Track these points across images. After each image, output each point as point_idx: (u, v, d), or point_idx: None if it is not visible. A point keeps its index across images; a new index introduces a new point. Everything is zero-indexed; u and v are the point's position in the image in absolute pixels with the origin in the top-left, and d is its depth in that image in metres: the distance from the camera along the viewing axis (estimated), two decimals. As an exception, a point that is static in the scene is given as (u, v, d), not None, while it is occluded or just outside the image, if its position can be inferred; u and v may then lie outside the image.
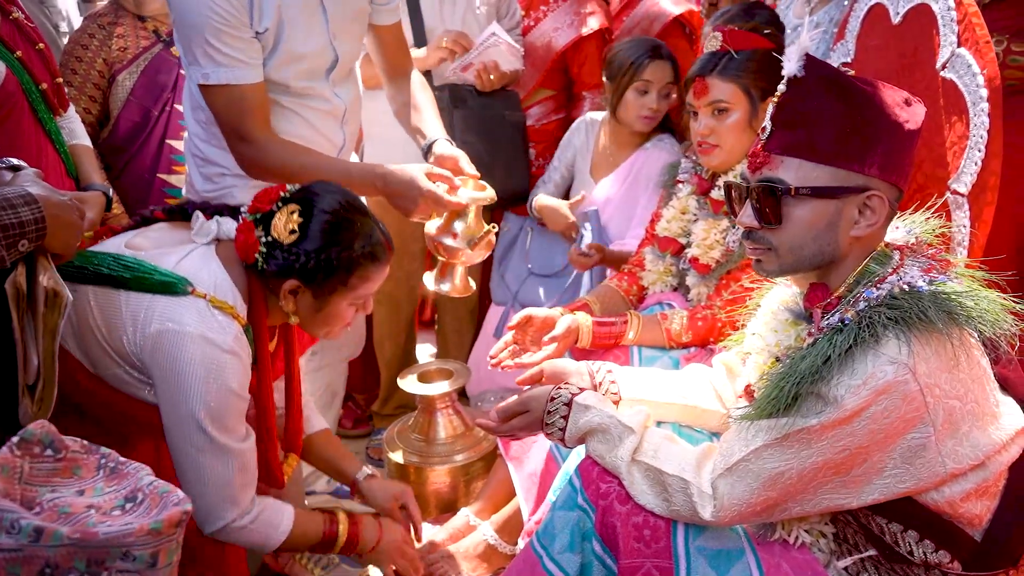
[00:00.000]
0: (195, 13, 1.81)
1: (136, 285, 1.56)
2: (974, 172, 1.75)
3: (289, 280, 1.62)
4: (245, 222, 1.64)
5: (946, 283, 1.31)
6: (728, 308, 1.94)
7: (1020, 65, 2.05)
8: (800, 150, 1.34)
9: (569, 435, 1.54)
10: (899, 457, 1.27)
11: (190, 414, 1.55)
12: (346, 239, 1.63)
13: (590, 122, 2.85)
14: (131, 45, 2.53)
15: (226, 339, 1.57)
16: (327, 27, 1.99)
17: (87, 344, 1.59)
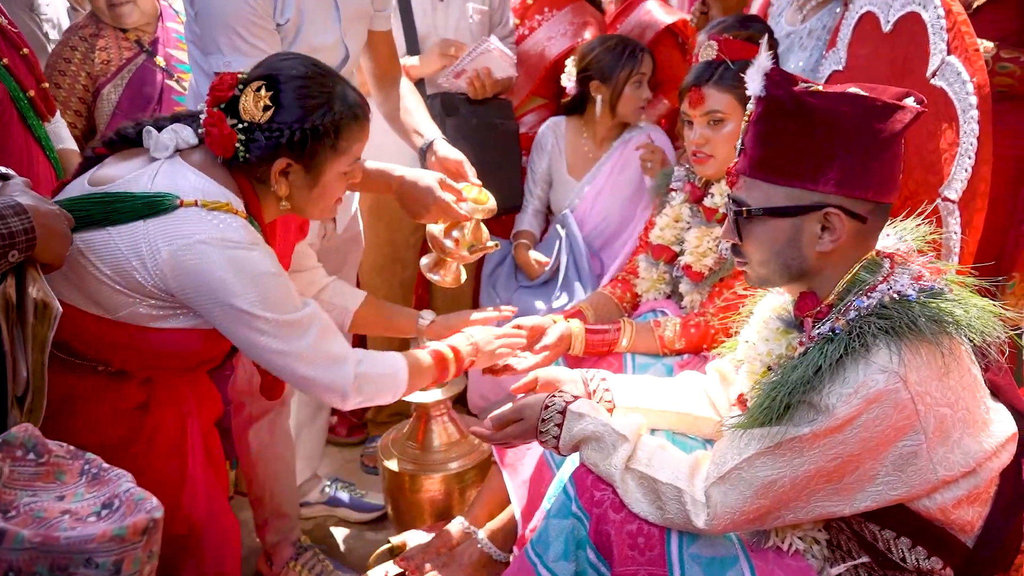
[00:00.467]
0: (225, 2, 1.82)
1: (119, 217, 1.46)
2: (964, 179, 1.77)
3: (278, 160, 1.53)
4: (212, 114, 1.52)
5: (936, 291, 1.32)
6: (721, 315, 1.95)
7: (1009, 72, 2.07)
8: (756, 170, 1.37)
9: (563, 443, 1.54)
10: (891, 465, 1.27)
11: (245, 316, 1.49)
12: (324, 101, 1.53)
13: (554, 125, 2.92)
14: (114, 57, 2.51)
15: (236, 233, 1.49)
16: (339, 24, 2.03)
17: (94, 292, 1.49)
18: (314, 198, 1.62)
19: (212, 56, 1.90)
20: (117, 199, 1.48)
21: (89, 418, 1.57)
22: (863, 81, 2.06)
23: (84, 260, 1.48)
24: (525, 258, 2.80)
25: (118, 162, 1.59)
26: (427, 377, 1.81)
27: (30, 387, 1.32)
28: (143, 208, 1.46)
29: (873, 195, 1.33)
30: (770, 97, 1.34)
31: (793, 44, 2.52)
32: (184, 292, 1.48)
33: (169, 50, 2.56)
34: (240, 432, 2.29)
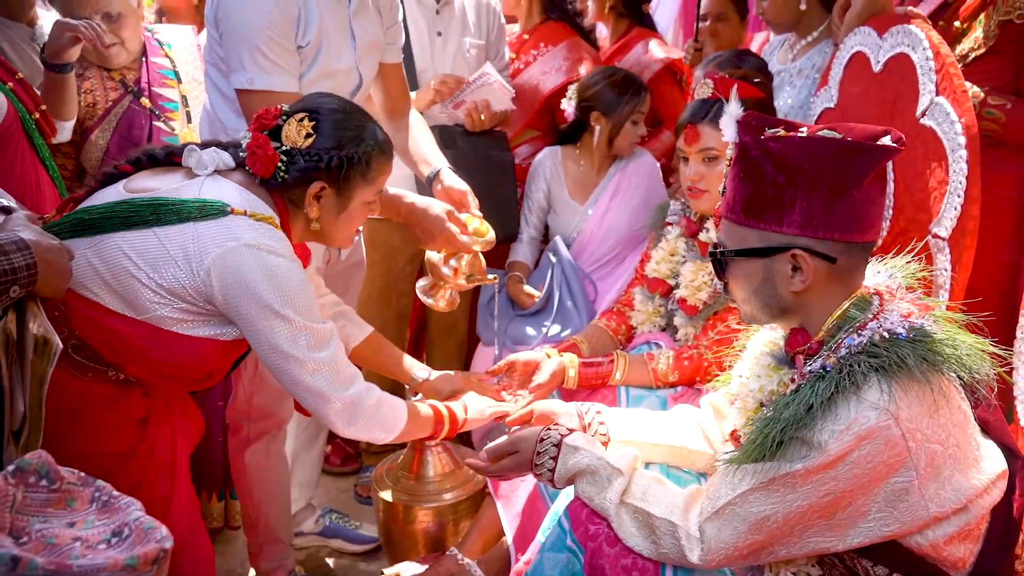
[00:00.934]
0: (251, 22, 1.92)
1: (168, 219, 1.55)
2: (954, 216, 1.80)
3: (314, 183, 1.66)
4: (257, 137, 1.66)
5: (925, 329, 1.34)
6: (715, 349, 1.97)
7: (994, 118, 2.11)
8: (731, 213, 1.42)
9: (558, 476, 1.55)
10: (883, 501, 1.29)
11: (277, 319, 1.58)
12: (358, 134, 1.69)
13: (551, 154, 2.97)
14: (100, 100, 2.50)
15: (279, 244, 1.61)
16: (354, 51, 2.12)
17: (128, 290, 1.55)
18: (341, 223, 1.74)
19: (235, 73, 1.97)
20: (166, 203, 1.57)
21: (94, 427, 1.61)
22: (854, 118, 2.12)
23: (126, 259, 1.55)
24: (516, 291, 2.82)
25: (152, 177, 1.68)
26: (423, 429, 1.89)
27: (27, 422, 1.32)
28: (194, 212, 1.56)
29: (841, 235, 1.35)
30: (740, 143, 1.39)
31: (783, 82, 2.57)
32: (224, 291, 1.56)
33: (155, 89, 2.55)
34: (236, 454, 2.30)
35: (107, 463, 1.61)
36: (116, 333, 1.57)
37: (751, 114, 1.44)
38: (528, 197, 2.97)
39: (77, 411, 1.58)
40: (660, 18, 4.65)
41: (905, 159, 1.93)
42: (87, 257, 1.56)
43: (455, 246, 2.01)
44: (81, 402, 1.59)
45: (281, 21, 1.94)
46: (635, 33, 3.36)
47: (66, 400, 1.54)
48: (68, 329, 1.54)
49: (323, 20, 2.02)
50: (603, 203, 2.88)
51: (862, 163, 1.33)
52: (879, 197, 1.39)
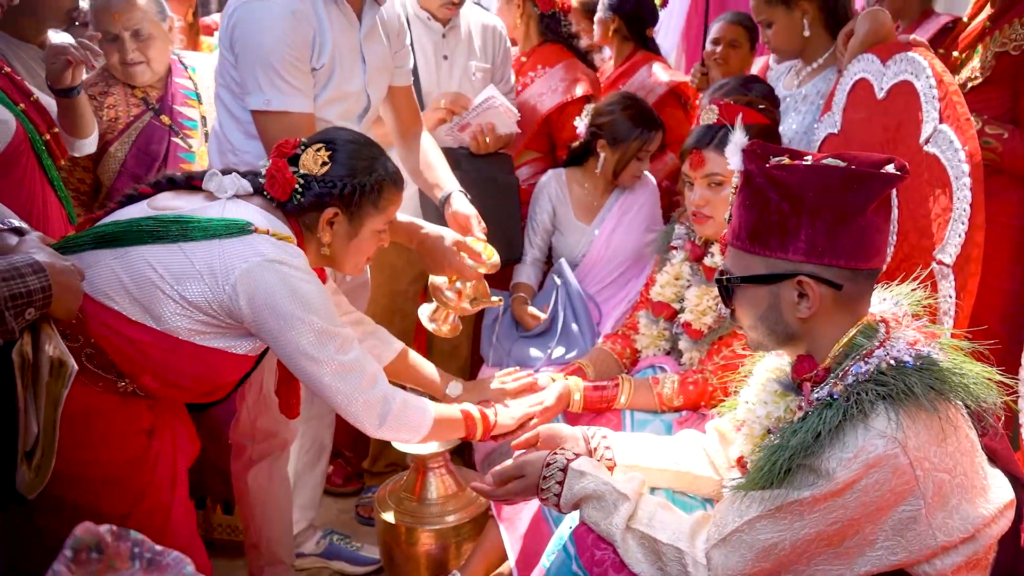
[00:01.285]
0: (268, 44, 1.96)
1: (195, 235, 1.61)
2: (958, 243, 1.80)
3: (328, 209, 1.73)
4: (277, 162, 1.73)
5: (932, 356, 1.34)
6: (720, 374, 1.97)
7: (991, 148, 2.13)
8: (737, 240, 1.44)
9: (564, 501, 1.55)
10: (890, 529, 1.28)
11: (305, 321, 1.64)
12: (371, 165, 1.77)
13: (556, 176, 2.99)
14: (122, 115, 2.55)
15: (300, 261, 1.68)
16: (364, 74, 2.17)
17: (151, 301, 1.61)
18: (351, 249, 1.82)
19: (251, 95, 2.01)
20: (192, 220, 1.63)
21: (103, 436, 1.65)
22: (857, 144, 2.13)
23: (151, 271, 1.60)
24: (521, 312, 2.83)
25: (174, 197, 1.74)
26: (453, 430, 1.93)
27: (39, 444, 1.32)
28: (221, 229, 1.62)
29: (846, 262, 1.36)
30: (745, 171, 1.41)
31: (789, 107, 2.59)
32: (252, 305, 1.62)
33: (176, 107, 2.60)
34: (239, 475, 2.30)
35: (115, 470, 1.66)
36: (133, 342, 1.61)
37: (756, 143, 1.45)
38: (532, 219, 2.99)
39: (85, 420, 1.61)
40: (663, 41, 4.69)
41: (909, 186, 1.94)
42: (112, 267, 1.61)
43: (464, 275, 2.06)
44: (89, 411, 1.61)
45: (297, 43, 1.98)
46: (639, 57, 3.40)
47: (75, 409, 1.55)
48: (84, 337, 1.58)
49: (336, 43, 2.06)
50: (609, 223, 2.89)
51: (866, 191, 1.34)
52: (884, 224, 1.40)
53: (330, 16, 2.05)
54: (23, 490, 1.32)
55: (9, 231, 1.48)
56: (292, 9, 1.97)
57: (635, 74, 3.30)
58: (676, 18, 5.11)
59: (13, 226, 1.50)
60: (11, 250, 1.39)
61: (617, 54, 3.50)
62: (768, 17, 2.57)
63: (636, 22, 3.42)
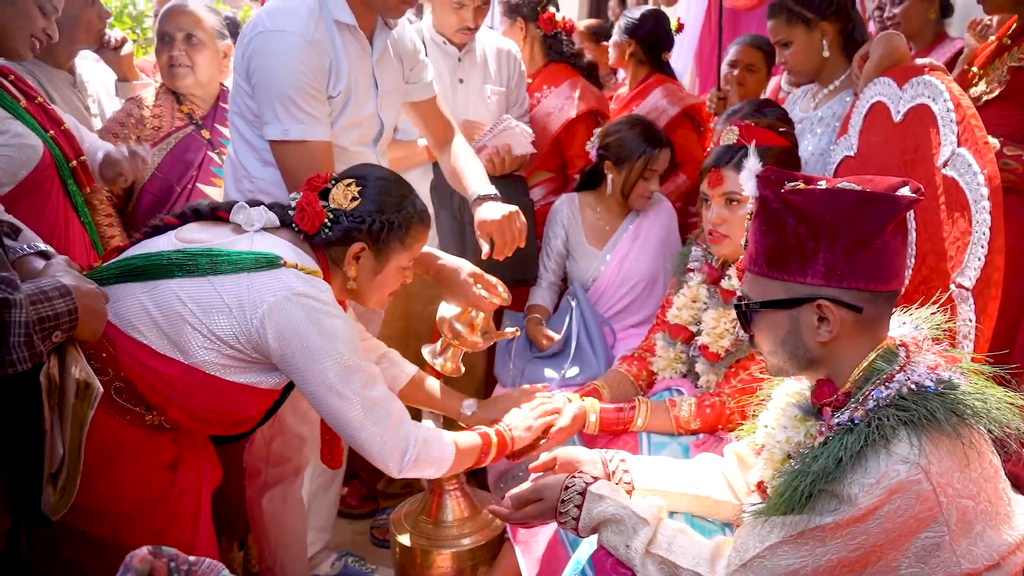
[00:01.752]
0: (285, 74, 1.97)
1: (224, 269, 1.62)
2: (978, 267, 1.79)
3: (355, 244, 1.75)
4: (308, 195, 1.76)
5: (953, 381, 1.34)
6: (737, 397, 1.96)
7: (1011, 169, 2.12)
8: (754, 266, 1.44)
9: (583, 524, 1.54)
10: (913, 556, 1.27)
11: (332, 355, 1.64)
12: (400, 202, 1.80)
13: (568, 200, 3.00)
14: (165, 125, 2.65)
15: (326, 295, 1.69)
16: (376, 98, 2.19)
17: (180, 334, 1.62)
18: (376, 285, 1.84)
19: (269, 125, 2.02)
20: (221, 254, 1.64)
21: (127, 470, 1.65)
22: (874, 167, 2.13)
23: (180, 305, 1.61)
24: (535, 332, 2.83)
25: (202, 229, 1.76)
26: (471, 458, 1.90)
27: (64, 465, 1.33)
28: (249, 263, 1.63)
29: (865, 285, 1.36)
30: (761, 197, 1.41)
31: (804, 130, 2.59)
32: (279, 339, 1.62)
33: (217, 125, 2.68)
34: (254, 499, 2.30)
35: (136, 507, 1.64)
36: (162, 376, 1.62)
37: (770, 168, 1.46)
38: (547, 243, 3.00)
39: (111, 454, 1.61)
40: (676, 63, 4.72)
41: (927, 208, 1.94)
42: (141, 301, 1.62)
43: (480, 307, 2.07)
44: (114, 445, 1.61)
45: (314, 72, 1.99)
46: (654, 80, 3.43)
47: (100, 441, 1.57)
48: (115, 370, 1.59)
49: (352, 70, 2.07)
50: (621, 248, 2.89)
51: (882, 213, 1.34)
52: (901, 247, 1.40)
53: (345, 43, 2.07)
54: (48, 511, 1.33)
55: (35, 255, 1.49)
56: (308, 39, 1.98)
57: (648, 96, 3.32)
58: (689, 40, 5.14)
59: (39, 249, 1.52)
60: (38, 274, 1.41)
61: (632, 77, 3.53)
62: (787, 37, 2.58)
63: (652, 46, 3.45)
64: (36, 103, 2.13)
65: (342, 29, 2.07)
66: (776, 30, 2.62)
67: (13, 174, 1.97)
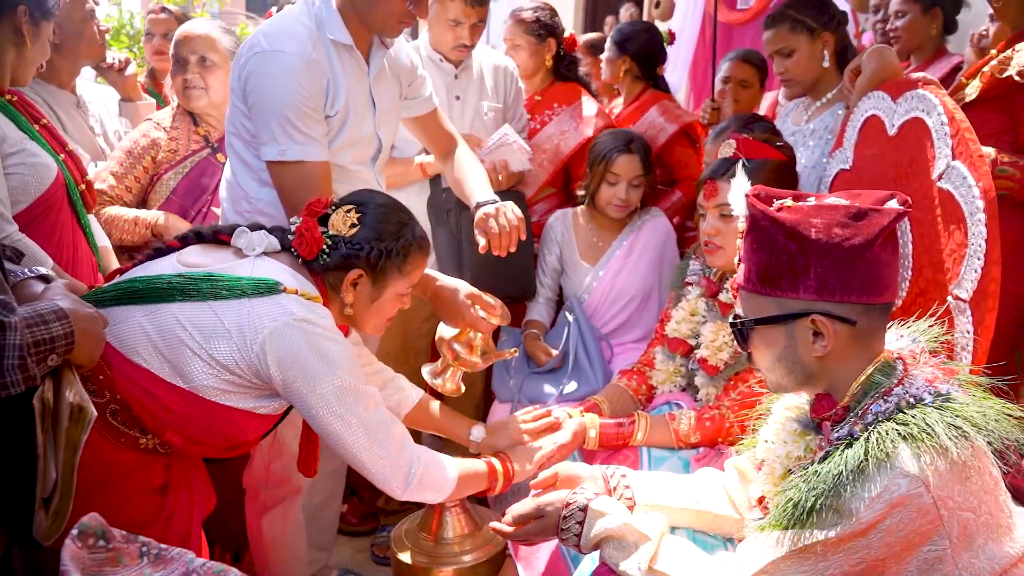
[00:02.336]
0: (282, 95, 1.97)
1: (225, 295, 1.63)
2: (975, 279, 1.80)
3: (352, 271, 1.75)
4: (307, 221, 1.76)
5: (952, 394, 1.34)
6: (737, 411, 1.96)
7: (1009, 175, 2.14)
8: (747, 284, 1.45)
9: (585, 541, 1.54)
10: (916, 570, 1.27)
11: (333, 380, 1.64)
12: (399, 230, 1.80)
13: (562, 216, 3.00)
14: (181, 148, 2.68)
15: (327, 322, 1.69)
16: (374, 117, 2.19)
17: (180, 359, 1.62)
18: (373, 311, 1.84)
19: (266, 146, 2.02)
20: (222, 279, 1.64)
21: (117, 494, 1.64)
22: (869, 180, 2.15)
23: (181, 329, 1.61)
24: (533, 348, 2.83)
25: (203, 253, 1.76)
26: (475, 486, 1.91)
27: (57, 490, 1.32)
28: (250, 289, 1.63)
29: (858, 298, 1.36)
30: (751, 215, 1.43)
31: (797, 142, 2.61)
32: (280, 365, 1.62)
33: None
34: (253, 520, 2.29)
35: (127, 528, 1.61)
36: (160, 399, 1.62)
37: (759, 187, 1.48)
38: (542, 259, 3.01)
39: (101, 475, 1.60)
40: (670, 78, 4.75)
41: (923, 220, 1.95)
42: (141, 324, 1.62)
43: (478, 327, 2.06)
44: (106, 467, 1.61)
45: (312, 93, 1.99)
46: (649, 96, 3.44)
47: (92, 463, 1.56)
48: (111, 392, 1.59)
49: (349, 89, 2.08)
50: (615, 265, 2.89)
51: (870, 227, 1.35)
52: (892, 258, 1.41)
53: (342, 63, 2.07)
54: (39, 537, 1.32)
55: (36, 279, 1.49)
56: (306, 59, 1.98)
57: (645, 114, 3.34)
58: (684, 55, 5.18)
59: (40, 274, 1.52)
60: (36, 297, 1.41)
61: (627, 93, 3.55)
62: (790, 46, 2.60)
63: (646, 61, 3.46)
64: (43, 125, 2.14)
65: (339, 49, 2.07)
66: (777, 39, 2.63)
67: (29, 192, 1.99)
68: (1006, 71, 2.24)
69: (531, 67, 3.24)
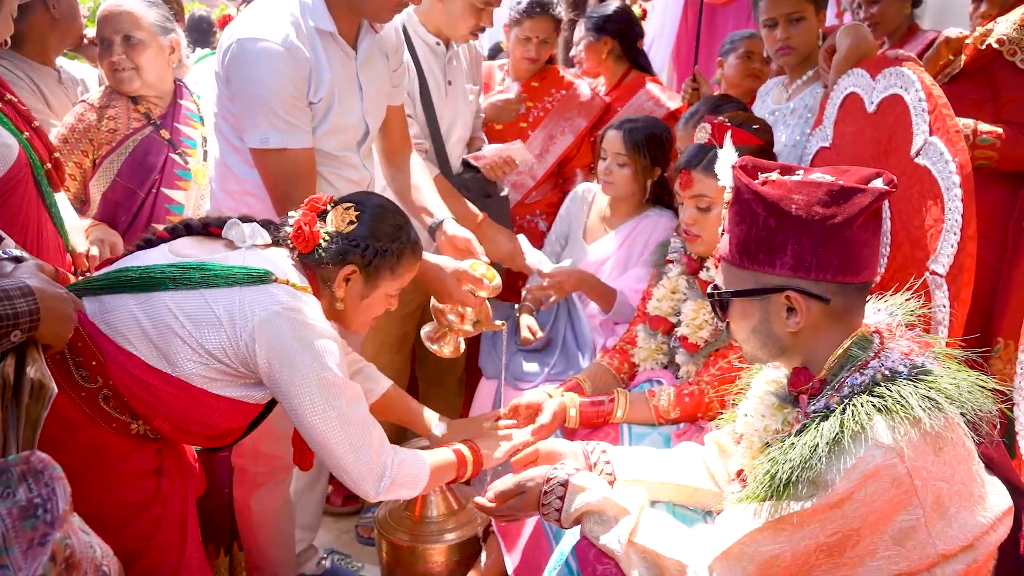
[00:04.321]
0: (264, 82, 1.96)
1: (217, 283, 1.64)
2: (951, 254, 1.82)
3: (347, 266, 1.77)
4: (307, 215, 1.79)
5: (926, 366, 1.36)
6: (716, 385, 1.97)
7: (989, 144, 2.15)
8: (727, 256, 1.46)
9: (565, 516, 1.55)
10: (890, 539, 1.29)
11: (319, 371, 1.64)
12: (396, 232, 1.82)
13: (584, 192, 2.99)
14: (121, 127, 2.56)
15: (316, 312, 1.71)
16: (362, 103, 2.17)
17: (169, 346, 1.63)
18: (362, 308, 1.86)
19: (248, 133, 2.01)
20: (215, 268, 1.66)
21: (113, 476, 1.66)
22: (848, 157, 2.16)
23: (172, 318, 1.62)
24: (523, 321, 2.81)
25: (194, 245, 1.78)
26: (446, 476, 1.92)
27: None
28: (242, 278, 1.65)
29: (833, 277, 1.37)
30: (735, 187, 1.43)
31: (778, 121, 2.62)
32: (268, 353, 1.63)
33: (178, 124, 2.61)
34: (242, 500, 2.29)
35: (125, 509, 1.66)
36: (149, 386, 1.62)
37: (747, 159, 1.47)
38: (555, 226, 3.02)
39: (96, 460, 1.61)
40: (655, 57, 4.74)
41: (901, 197, 1.96)
42: (133, 312, 1.63)
43: (466, 303, 2.07)
44: (100, 451, 1.62)
45: (294, 80, 1.98)
46: (635, 78, 3.42)
47: (86, 448, 1.59)
48: (103, 378, 1.60)
49: (334, 76, 2.06)
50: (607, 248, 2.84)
51: (852, 206, 1.35)
52: (872, 238, 1.40)
53: (326, 50, 2.05)
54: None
55: (9, 260, 1.49)
56: (287, 46, 1.96)
57: (632, 97, 3.32)
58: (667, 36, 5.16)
59: (13, 255, 1.52)
60: (6, 276, 1.41)
61: (612, 76, 3.50)
62: (801, 12, 2.61)
63: (627, 40, 3.45)
64: (7, 101, 2.08)
65: (323, 36, 2.05)
66: (789, 2, 2.61)
67: None
68: (986, 41, 2.25)
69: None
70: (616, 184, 2.76)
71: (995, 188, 2.24)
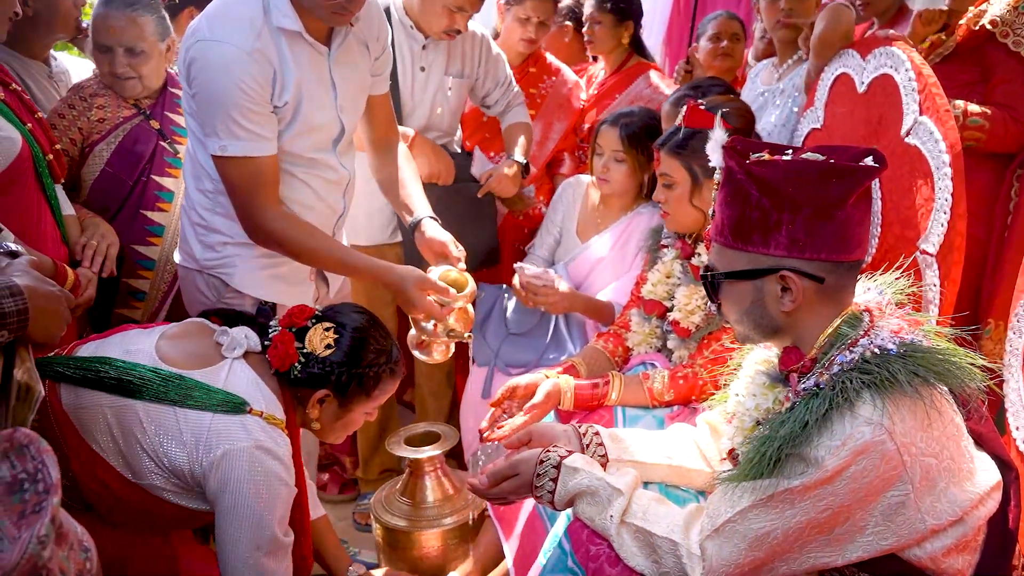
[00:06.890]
0: (223, 89, 1.88)
1: (192, 403, 1.63)
2: (941, 233, 1.83)
3: (320, 390, 1.76)
4: (284, 333, 1.77)
5: (916, 344, 1.36)
6: (709, 368, 1.98)
7: (979, 126, 2.15)
8: (720, 237, 1.46)
9: (558, 498, 1.56)
10: (880, 515, 1.30)
11: (259, 520, 1.62)
12: (373, 356, 1.80)
13: (576, 183, 2.95)
14: (110, 116, 2.52)
15: (282, 452, 1.68)
16: (336, 101, 2.09)
17: (133, 455, 1.63)
18: (337, 427, 1.86)
19: (208, 139, 1.95)
20: (196, 387, 1.66)
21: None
22: (839, 138, 2.16)
23: (139, 428, 1.62)
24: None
25: (179, 344, 1.77)
26: None
27: None
28: (217, 405, 1.64)
29: (827, 255, 1.38)
30: (726, 167, 1.43)
31: (767, 102, 2.62)
32: (219, 482, 1.61)
33: (167, 113, 2.58)
34: None
35: None
36: (109, 488, 1.64)
37: (736, 139, 1.47)
38: (548, 219, 2.97)
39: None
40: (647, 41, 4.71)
41: (891, 177, 1.97)
42: (106, 415, 1.63)
43: (434, 315, 2.02)
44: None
45: (255, 86, 1.90)
46: (635, 64, 3.37)
47: None
48: (64, 468, 1.53)
49: (301, 77, 1.98)
50: (600, 246, 2.81)
51: (845, 184, 1.35)
52: (864, 217, 1.41)
53: (293, 50, 1.96)
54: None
55: (5, 254, 1.48)
56: (248, 49, 1.88)
57: (632, 84, 3.29)
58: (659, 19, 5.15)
59: (9, 250, 1.50)
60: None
61: (613, 61, 3.42)
62: None
63: (638, 24, 3.40)
64: (11, 91, 2.06)
65: (289, 36, 1.95)
66: None
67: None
68: (979, 21, 2.25)
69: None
70: (613, 181, 2.71)
71: (985, 168, 2.24)
